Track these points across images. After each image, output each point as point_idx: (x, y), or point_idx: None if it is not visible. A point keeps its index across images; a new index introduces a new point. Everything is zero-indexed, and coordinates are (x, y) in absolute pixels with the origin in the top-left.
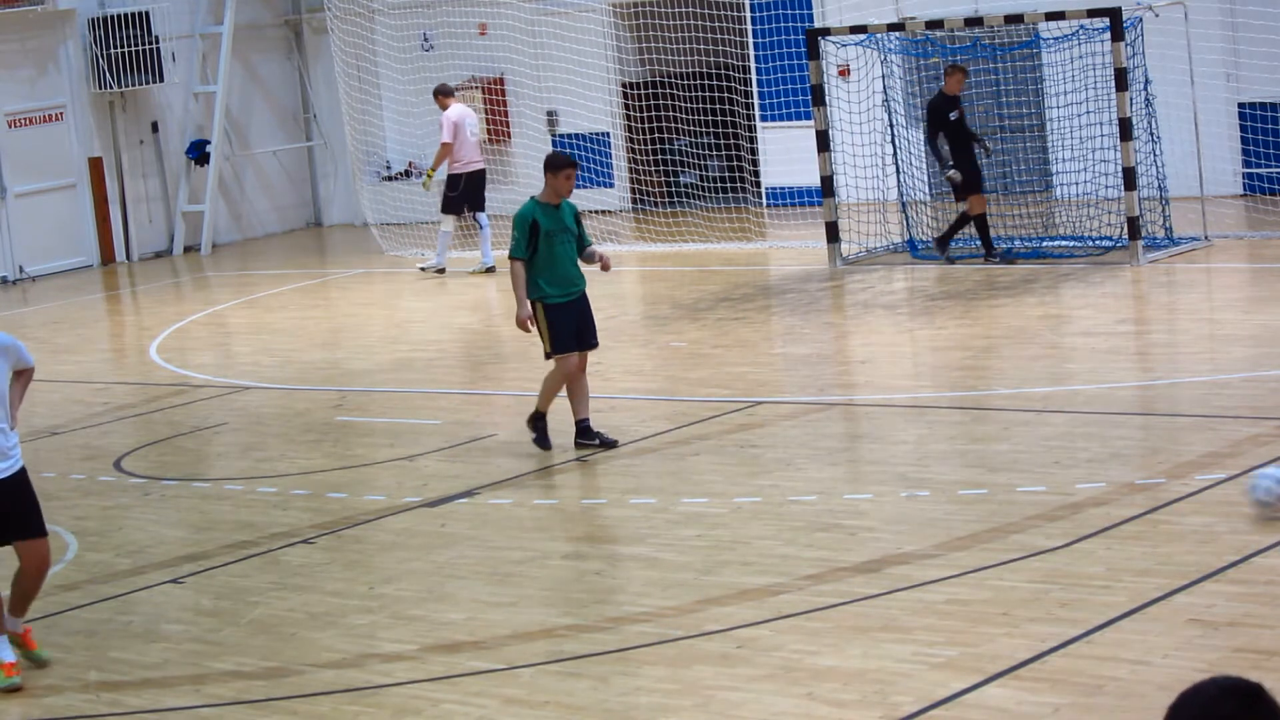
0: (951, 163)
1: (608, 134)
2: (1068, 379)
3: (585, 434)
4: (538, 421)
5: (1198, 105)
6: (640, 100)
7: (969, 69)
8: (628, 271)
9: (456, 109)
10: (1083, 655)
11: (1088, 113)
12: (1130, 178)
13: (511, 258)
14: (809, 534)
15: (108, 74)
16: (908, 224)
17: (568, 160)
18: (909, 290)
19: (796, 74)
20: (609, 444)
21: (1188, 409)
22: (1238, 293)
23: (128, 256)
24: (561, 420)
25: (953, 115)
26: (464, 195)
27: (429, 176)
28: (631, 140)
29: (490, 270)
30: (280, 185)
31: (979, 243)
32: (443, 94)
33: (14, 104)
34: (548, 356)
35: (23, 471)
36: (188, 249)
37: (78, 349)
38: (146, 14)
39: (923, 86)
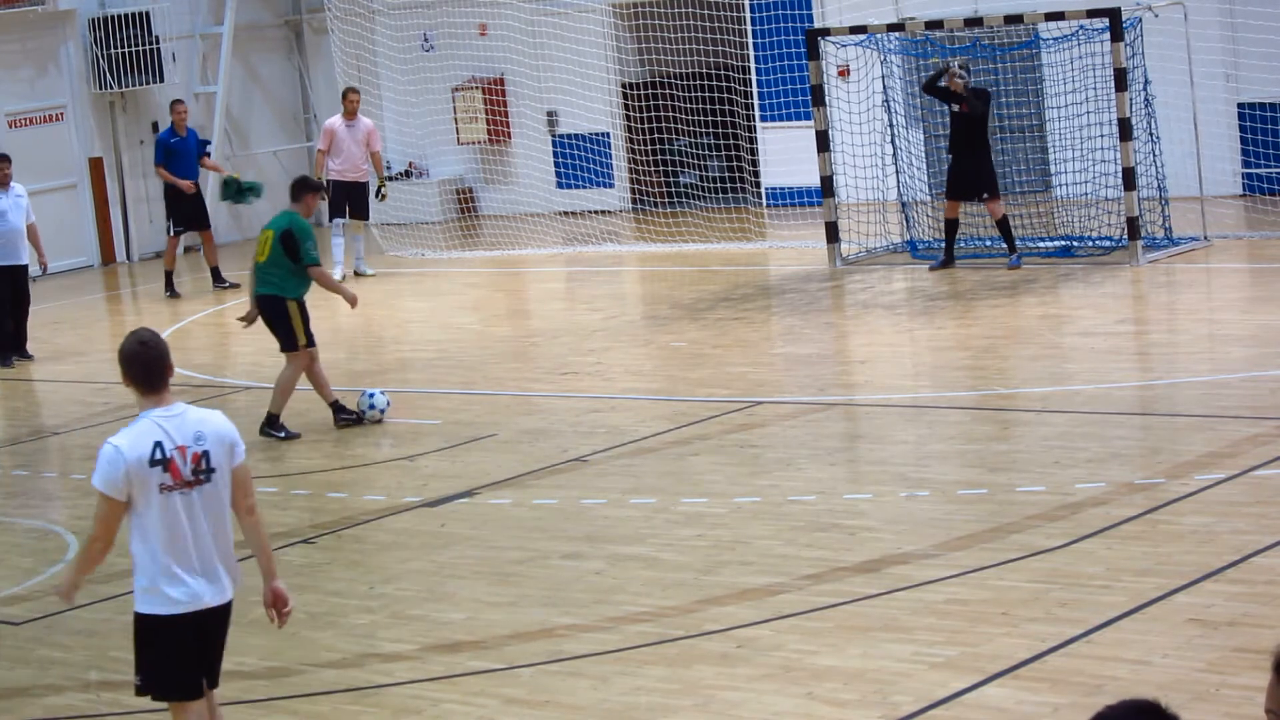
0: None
1: (608, 134)
2: (1067, 379)
3: (344, 410)
4: (275, 421)
5: (1197, 105)
6: (640, 100)
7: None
8: (628, 272)
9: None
10: (1082, 655)
11: (1087, 113)
12: (1130, 178)
13: (318, 265)
14: (809, 534)
15: (108, 74)
16: (908, 224)
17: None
18: (909, 290)
19: (796, 74)
20: (359, 418)
21: (1187, 409)
22: (1237, 293)
23: (128, 256)
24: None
25: (954, 107)
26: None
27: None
28: (631, 140)
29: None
30: (281, 185)
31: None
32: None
33: (14, 104)
34: (294, 349)
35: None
36: (188, 249)
37: (78, 349)
38: (147, 14)
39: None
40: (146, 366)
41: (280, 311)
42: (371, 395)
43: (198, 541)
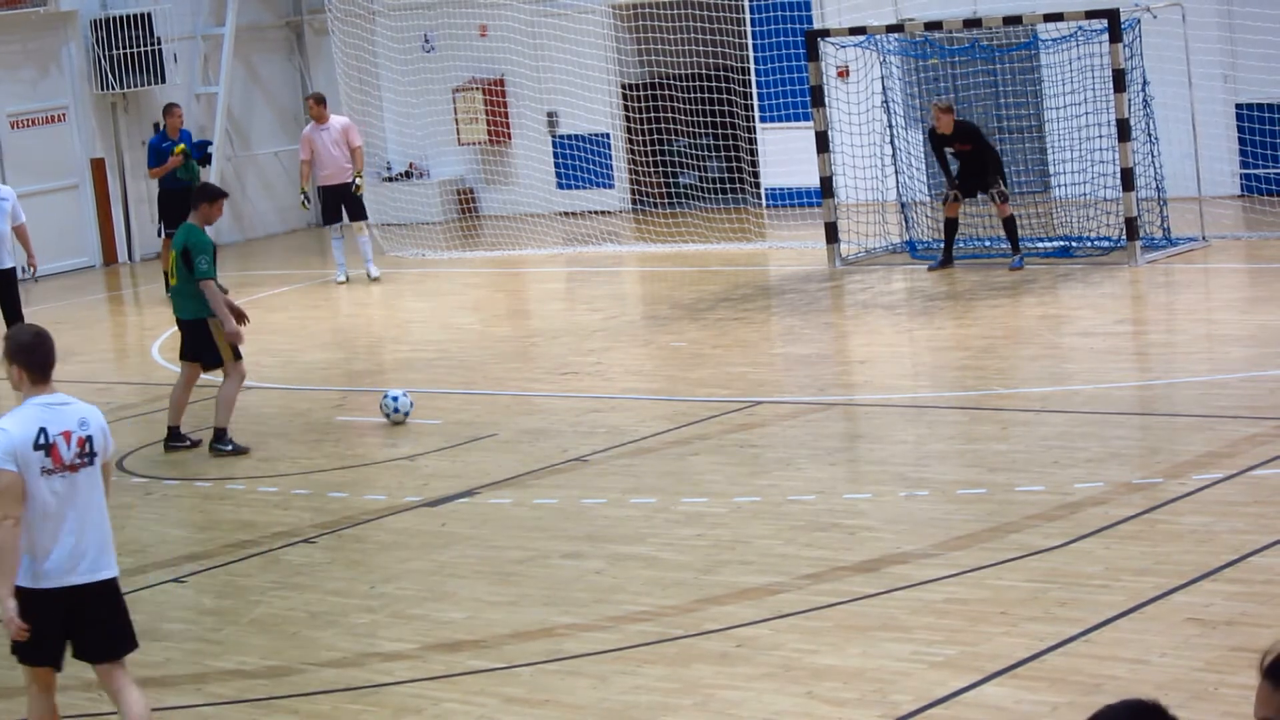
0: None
1: (608, 135)
2: (1066, 379)
3: (177, 437)
4: (222, 436)
5: (1195, 106)
6: (640, 101)
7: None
8: (628, 272)
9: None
10: (1081, 654)
11: (1086, 114)
12: (1128, 178)
13: (209, 279)
14: (808, 534)
15: (110, 75)
16: (907, 224)
17: (223, 192)
18: (908, 290)
19: (796, 75)
20: (191, 444)
21: (1186, 409)
22: (1235, 293)
23: (130, 257)
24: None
25: (950, 150)
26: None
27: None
28: (631, 141)
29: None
30: (281, 186)
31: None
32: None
33: (16, 105)
34: (218, 367)
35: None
36: None
37: (80, 349)
38: (148, 15)
39: (922, 88)
40: (45, 357)
41: (203, 333)
42: (395, 398)
43: (75, 521)
